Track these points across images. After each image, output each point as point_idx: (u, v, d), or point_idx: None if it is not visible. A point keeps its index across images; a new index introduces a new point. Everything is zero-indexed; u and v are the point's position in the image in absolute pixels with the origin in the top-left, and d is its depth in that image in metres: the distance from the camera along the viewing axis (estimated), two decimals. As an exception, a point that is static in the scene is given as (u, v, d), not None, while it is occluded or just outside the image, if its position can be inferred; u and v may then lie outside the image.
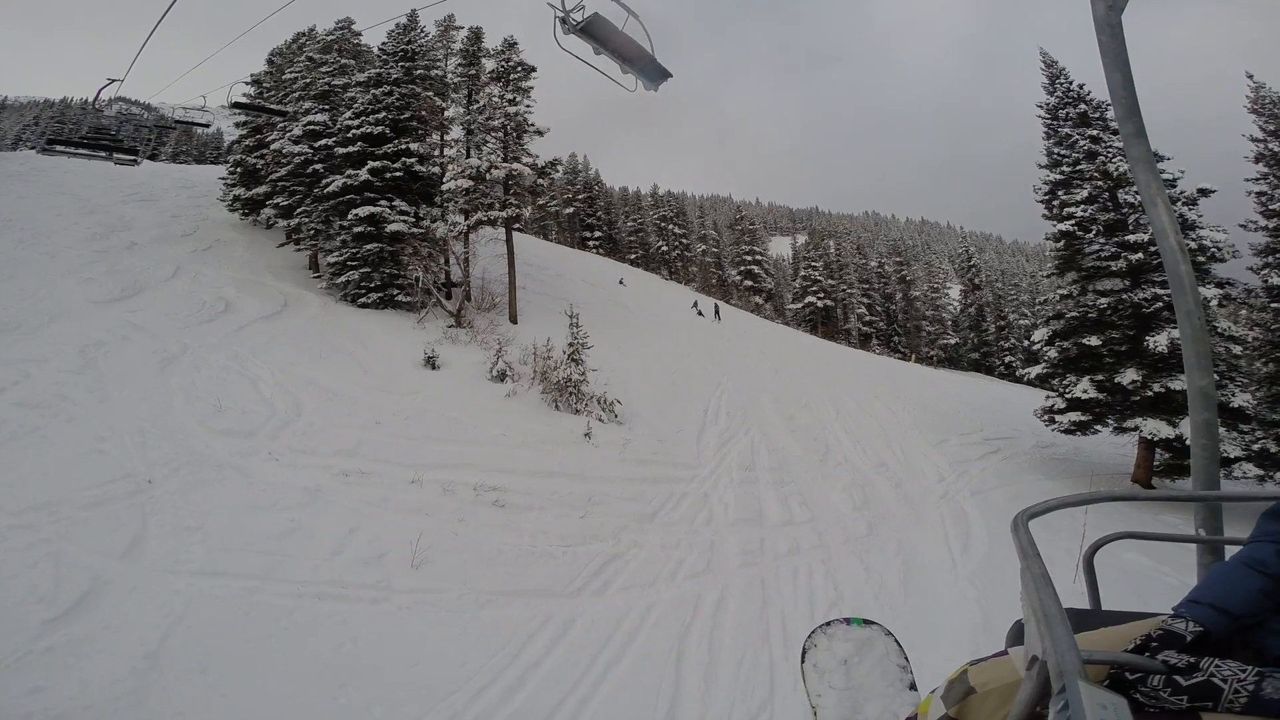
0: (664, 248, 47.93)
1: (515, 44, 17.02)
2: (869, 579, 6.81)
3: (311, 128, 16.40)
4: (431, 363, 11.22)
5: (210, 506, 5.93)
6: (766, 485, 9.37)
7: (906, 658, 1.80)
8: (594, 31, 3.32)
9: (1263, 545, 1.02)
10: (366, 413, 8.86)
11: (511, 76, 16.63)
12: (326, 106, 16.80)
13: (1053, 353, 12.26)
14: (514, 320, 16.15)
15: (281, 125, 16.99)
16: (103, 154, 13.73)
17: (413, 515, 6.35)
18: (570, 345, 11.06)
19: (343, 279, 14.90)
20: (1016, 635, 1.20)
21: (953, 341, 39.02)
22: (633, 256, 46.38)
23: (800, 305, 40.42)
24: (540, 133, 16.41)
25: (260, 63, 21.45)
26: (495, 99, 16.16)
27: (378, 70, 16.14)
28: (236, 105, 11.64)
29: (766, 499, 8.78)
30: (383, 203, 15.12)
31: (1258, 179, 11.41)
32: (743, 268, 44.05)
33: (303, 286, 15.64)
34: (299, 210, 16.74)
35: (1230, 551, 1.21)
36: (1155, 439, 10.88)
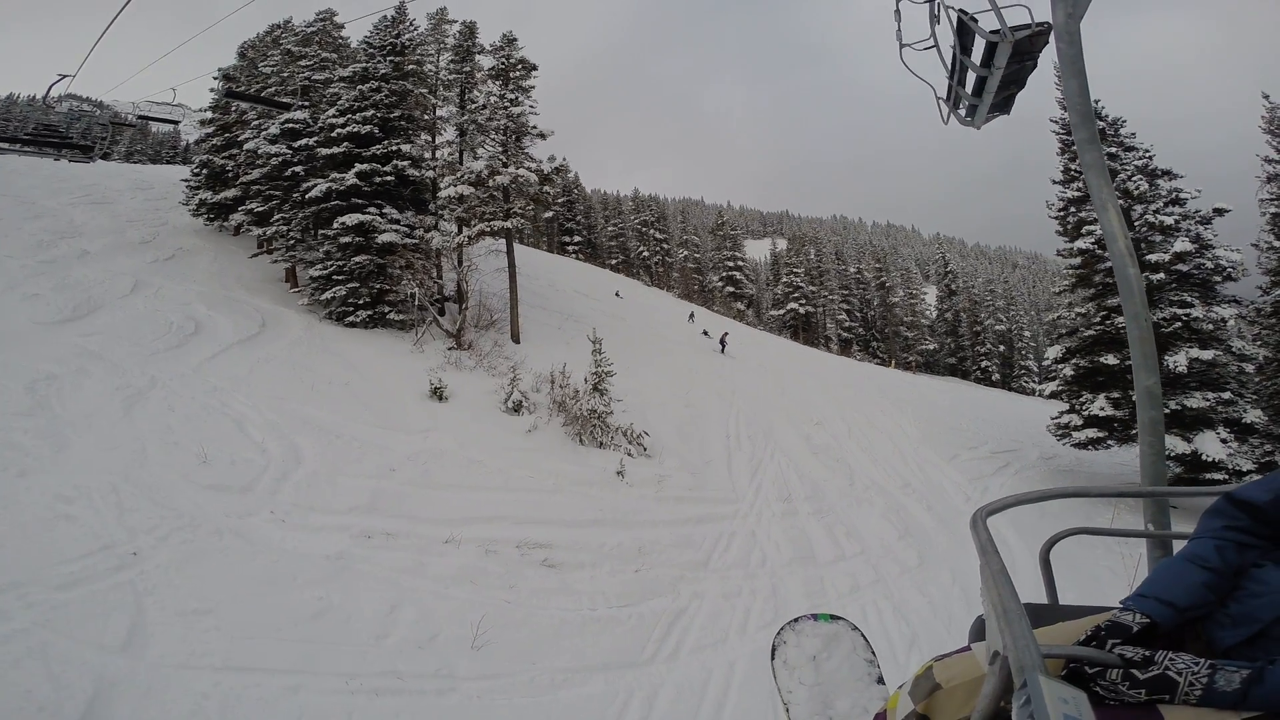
0: (645, 253, 47.40)
1: (515, 40, 16.03)
2: (936, 613, 6.71)
3: (290, 126, 15.03)
4: (439, 394, 10.23)
5: (216, 583, 5.04)
6: (807, 517, 9.08)
7: (874, 652, 1.82)
8: (1030, 49, 2.21)
9: (1204, 541, 1.05)
10: (376, 457, 7.94)
11: (512, 75, 15.66)
12: (306, 103, 15.47)
13: (1068, 370, 12.32)
14: (516, 339, 15.23)
15: (256, 123, 15.50)
16: (51, 151, 12.33)
17: (457, 584, 5.60)
18: (594, 373, 10.31)
19: (327, 295, 13.59)
20: (979, 631, 1.19)
21: (931, 347, 39.84)
22: (613, 262, 45.66)
23: (782, 312, 40.55)
24: (543, 135, 15.51)
25: (229, 57, 19.86)
26: (495, 98, 15.18)
27: (364, 65, 14.92)
28: (232, 95, 10.44)
29: (813, 533, 8.52)
30: (372, 209, 13.93)
31: (1271, 199, 11.61)
32: (725, 274, 43.95)
33: (280, 303, 14.29)
34: (276, 217, 15.31)
35: (1178, 546, 1.24)
36: (1171, 454, 11.05)
